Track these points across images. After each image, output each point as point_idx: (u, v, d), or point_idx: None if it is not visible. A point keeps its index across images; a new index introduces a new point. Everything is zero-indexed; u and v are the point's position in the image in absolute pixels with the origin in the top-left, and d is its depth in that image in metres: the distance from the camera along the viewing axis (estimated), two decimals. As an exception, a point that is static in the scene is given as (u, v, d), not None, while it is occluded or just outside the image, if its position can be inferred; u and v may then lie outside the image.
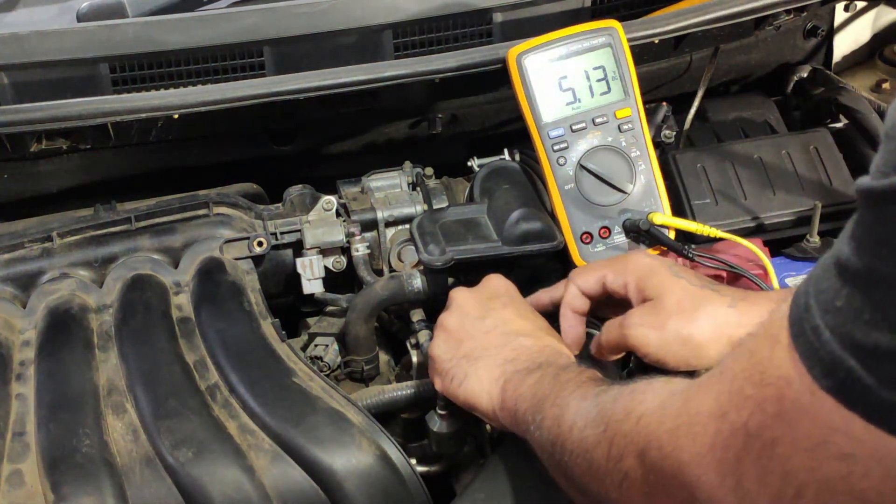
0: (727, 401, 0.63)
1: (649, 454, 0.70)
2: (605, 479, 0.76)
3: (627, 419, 0.75)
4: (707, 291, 0.97)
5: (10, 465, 0.97)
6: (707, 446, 0.64)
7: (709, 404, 0.65)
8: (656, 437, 0.69)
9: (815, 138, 1.32)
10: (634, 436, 0.72)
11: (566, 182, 1.19)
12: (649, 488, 0.71)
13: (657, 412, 0.71)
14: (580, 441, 0.81)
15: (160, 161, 1.41)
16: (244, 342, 1.09)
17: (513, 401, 0.94)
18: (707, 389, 0.66)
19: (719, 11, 1.29)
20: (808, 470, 0.57)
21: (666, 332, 0.95)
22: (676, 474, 0.67)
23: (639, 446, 0.72)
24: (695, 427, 0.65)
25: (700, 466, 0.64)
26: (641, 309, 0.99)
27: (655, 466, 0.69)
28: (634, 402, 0.75)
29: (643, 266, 1.02)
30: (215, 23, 1.36)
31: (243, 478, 0.96)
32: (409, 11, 1.39)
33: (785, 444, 0.58)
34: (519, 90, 1.19)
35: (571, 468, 0.82)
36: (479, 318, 1.04)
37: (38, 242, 1.20)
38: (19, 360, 1.08)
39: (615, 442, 0.75)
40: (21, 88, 1.29)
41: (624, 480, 0.74)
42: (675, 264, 1.03)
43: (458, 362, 1.01)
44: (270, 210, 1.29)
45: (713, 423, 0.64)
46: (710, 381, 0.66)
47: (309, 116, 1.37)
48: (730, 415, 0.62)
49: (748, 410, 0.60)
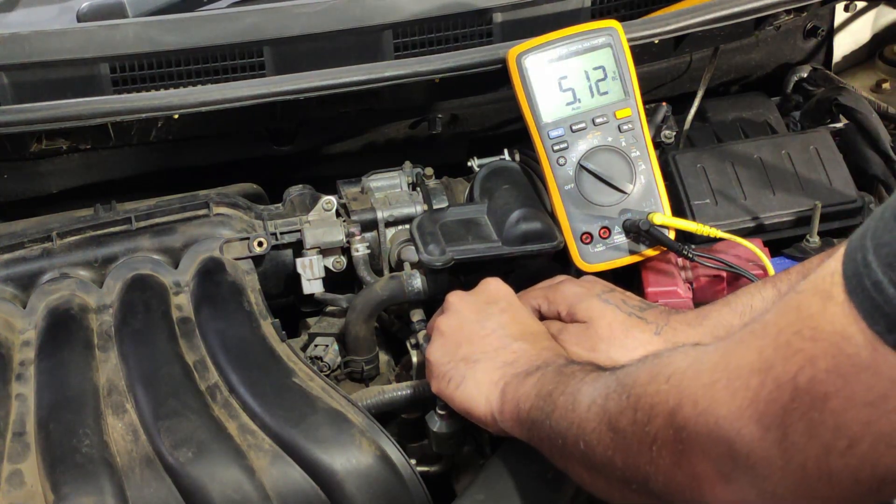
0: (772, 355, 0.63)
1: (682, 412, 0.69)
2: (633, 447, 0.75)
3: (654, 381, 0.73)
4: (634, 319, 1.06)
5: (10, 465, 0.97)
6: (748, 400, 0.63)
7: (750, 359, 0.64)
8: (690, 394, 0.69)
9: (815, 138, 1.32)
10: (664, 395, 0.71)
11: (566, 182, 1.19)
12: (682, 446, 0.69)
13: (690, 369, 0.70)
14: (601, 415, 0.79)
15: (160, 161, 1.42)
16: (244, 342, 1.09)
17: (514, 402, 0.94)
18: (748, 344, 0.66)
19: (719, 11, 1.29)
20: (864, 423, 0.58)
21: (598, 354, 1.02)
22: (713, 429, 0.66)
23: (669, 406, 0.70)
24: (734, 382, 0.65)
25: (740, 420, 0.64)
26: (575, 329, 1.07)
27: (689, 423, 0.68)
28: (661, 365, 0.74)
29: (573, 294, 1.10)
30: (215, 23, 1.36)
31: (243, 478, 0.97)
32: (409, 11, 1.39)
33: (839, 399, 0.58)
34: (519, 90, 1.19)
35: (593, 448, 0.80)
36: (476, 321, 1.04)
37: (38, 242, 1.20)
38: (19, 360, 1.08)
39: (641, 405, 0.74)
40: (21, 88, 1.29)
41: (654, 444, 0.72)
42: (605, 290, 1.11)
43: (456, 365, 1.01)
44: (270, 210, 1.29)
45: (755, 378, 0.63)
46: (751, 337, 0.66)
47: (309, 116, 1.37)
48: (774, 369, 0.62)
49: (797, 365, 0.60)
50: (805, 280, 0.64)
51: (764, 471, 0.64)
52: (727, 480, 0.67)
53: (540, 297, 1.13)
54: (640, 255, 1.20)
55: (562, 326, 1.09)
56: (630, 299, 1.11)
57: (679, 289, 1.18)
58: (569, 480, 0.95)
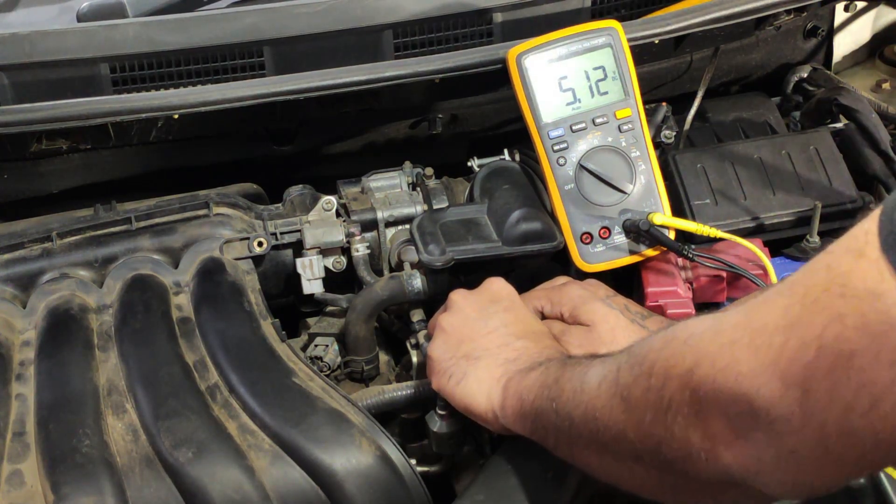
0: (798, 313, 0.62)
1: (699, 371, 0.68)
2: (646, 416, 0.74)
3: (669, 345, 0.73)
4: (636, 326, 1.06)
5: (10, 465, 0.97)
6: (771, 358, 0.63)
7: (775, 317, 0.64)
8: (708, 353, 0.68)
9: (815, 138, 1.32)
10: (679, 357, 0.71)
11: (566, 182, 1.19)
12: (698, 407, 0.69)
13: (709, 331, 0.70)
14: (613, 389, 0.78)
15: (160, 161, 1.42)
16: (244, 342, 1.09)
17: (516, 395, 0.94)
18: (773, 304, 0.65)
19: (719, 11, 1.29)
20: (889, 383, 0.57)
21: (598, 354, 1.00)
22: (732, 387, 0.65)
23: (685, 367, 0.70)
24: (757, 340, 0.64)
25: (761, 377, 0.63)
26: (578, 331, 1.07)
27: (706, 382, 0.68)
28: (676, 331, 0.74)
29: (577, 296, 1.10)
30: (215, 23, 1.36)
31: (243, 478, 0.97)
32: (409, 11, 1.39)
33: (865, 357, 0.58)
34: (519, 90, 1.19)
35: (604, 423, 0.79)
36: (479, 319, 1.04)
37: (38, 242, 1.20)
38: (19, 360, 1.08)
39: (656, 371, 0.73)
40: (21, 88, 1.29)
41: (668, 409, 0.72)
42: (609, 294, 1.11)
43: (458, 361, 1.01)
44: (270, 210, 1.29)
45: (779, 336, 0.63)
46: (777, 296, 0.65)
47: (309, 116, 1.37)
48: (799, 327, 0.62)
49: (823, 322, 0.60)
50: (834, 242, 0.63)
51: (782, 428, 0.63)
52: (744, 439, 0.66)
53: (543, 298, 1.13)
54: (640, 255, 1.20)
55: (564, 328, 1.09)
56: (632, 305, 1.12)
57: (679, 289, 1.18)
58: (569, 480, 0.95)
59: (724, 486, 0.72)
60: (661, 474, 0.76)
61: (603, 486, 0.97)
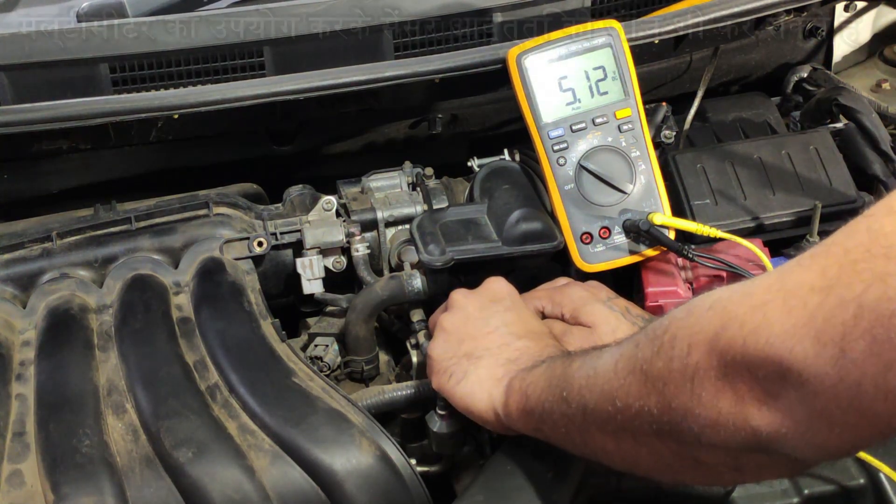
0: (836, 273, 0.62)
1: (726, 334, 0.68)
2: (670, 387, 0.73)
3: (692, 313, 0.72)
4: (636, 329, 1.03)
5: (10, 465, 0.97)
6: (805, 318, 0.63)
7: (811, 277, 0.64)
8: (736, 316, 0.68)
9: (815, 138, 1.32)
10: (705, 323, 0.70)
11: (566, 182, 1.19)
12: (726, 370, 0.68)
13: (736, 294, 0.69)
14: (631, 366, 0.77)
15: (160, 161, 1.42)
16: (244, 342, 1.10)
17: (520, 393, 0.93)
18: (809, 265, 0.65)
19: (719, 11, 1.29)
20: None
21: None
22: (763, 348, 0.65)
23: (711, 332, 0.69)
24: (790, 300, 0.64)
25: (794, 338, 0.63)
26: (579, 332, 1.07)
27: (734, 344, 0.67)
28: (697, 301, 0.73)
29: (578, 297, 1.10)
30: (215, 23, 1.35)
31: (243, 478, 0.97)
32: (409, 11, 1.39)
33: None
34: (519, 90, 1.19)
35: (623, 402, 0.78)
36: (480, 318, 1.04)
37: (38, 242, 1.20)
38: (19, 360, 1.08)
39: (678, 341, 0.72)
40: (21, 88, 1.29)
41: (695, 375, 0.71)
42: (611, 297, 1.11)
43: (459, 361, 1.01)
44: (270, 210, 1.29)
45: (815, 296, 0.63)
46: (811, 259, 0.65)
47: (309, 116, 1.37)
48: (838, 287, 0.62)
49: (864, 283, 0.60)
50: (872, 206, 0.64)
51: (816, 387, 0.63)
52: (775, 399, 0.66)
53: (544, 299, 1.13)
54: (640, 255, 1.20)
55: (565, 328, 1.09)
56: (633, 308, 1.12)
57: (679, 289, 1.18)
58: (569, 481, 0.95)
59: (749, 454, 0.71)
60: (683, 447, 0.75)
61: (603, 487, 0.98)
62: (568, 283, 1.15)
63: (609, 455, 0.85)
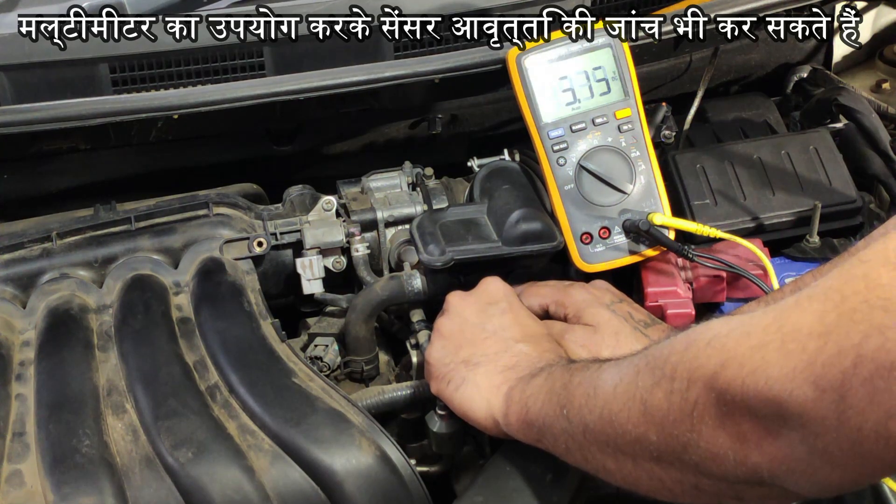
0: (835, 321, 0.63)
1: (725, 373, 0.68)
2: (669, 419, 0.74)
3: (691, 348, 0.73)
4: (638, 334, 1.06)
5: (10, 465, 0.97)
6: (804, 362, 0.63)
7: (809, 321, 0.64)
8: (735, 356, 0.68)
9: (815, 138, 1.32)
10: (704, 359, 0.71)
11: (566, 182, 1.19)
12: (726, 408, 0.69)
13: (735, 332, 0.70)
14: (631, 393, 0.78)
15: (160, 161, 1.42)
16: (244, 342, 1.09)
17: (521, 403, 0.93)
18: (805, 308, 0.65)
19: (719, 11, 1.28)
20: None
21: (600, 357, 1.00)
22: (762, 390, 0.65)
23: (710, 369, 0.70)
24: (789, 344, 0.65)
25: (793, 381, 0.64)
26: (581, 331, 1.07)
27: (733, 384, 0.67)
28: (697, 333, 0.74)
29: (582, 299, 1.11)
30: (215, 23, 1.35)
31: (243, 478, 0.97)
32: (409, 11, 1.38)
33: None
34: (519, 90, 1.19)
35: (622, 428, 0.79)
36: (477, 323, 1.04)
37: (38, 242, 1.20)
38: (19, 360, 1.09)
39: (678, 374, 0.73)
40: (21, 88, 1.29)
41: (694, 410, 0.71)
42: (615, 300, 1.12)
43: (456, 367, 1.01)
44: (270, 210, 1.29)
45: (813, 342, 0.63)
46: (809, 302, 0.66)
47: (309, 116, 1.37)
48: (836, 335, 0.62)
49: (862, 333, 0.61)
50: (866, 250, 0.64)
51: (816, 429, 0.63)
52: (775, 437, 0.66)
53: (548, 298, 1.13)
54: (640, 256, 1.20)
55: (566, 327, 1.09)
56: (637, 313, 1.12)
57: (679, 289, 1.18)
58: (568, 483, 0.95)
59: (751, 486, 0.72)
60: (683, 475, 0.76)
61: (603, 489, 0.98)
62: (571, 284, 1.15)
63: (610, 474, 0.85)
